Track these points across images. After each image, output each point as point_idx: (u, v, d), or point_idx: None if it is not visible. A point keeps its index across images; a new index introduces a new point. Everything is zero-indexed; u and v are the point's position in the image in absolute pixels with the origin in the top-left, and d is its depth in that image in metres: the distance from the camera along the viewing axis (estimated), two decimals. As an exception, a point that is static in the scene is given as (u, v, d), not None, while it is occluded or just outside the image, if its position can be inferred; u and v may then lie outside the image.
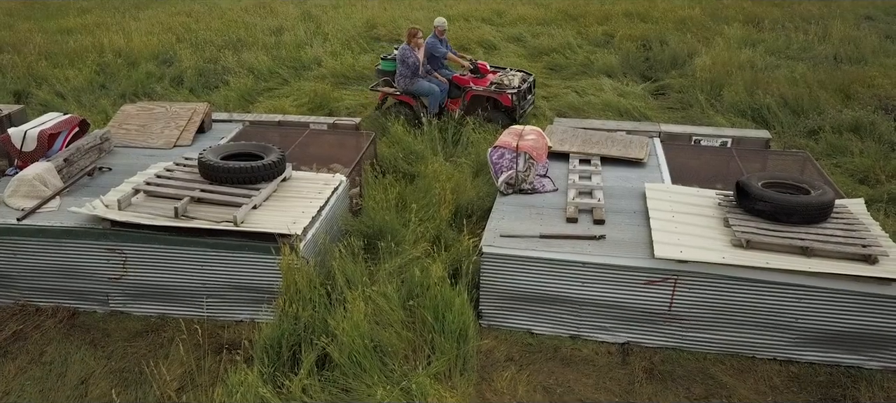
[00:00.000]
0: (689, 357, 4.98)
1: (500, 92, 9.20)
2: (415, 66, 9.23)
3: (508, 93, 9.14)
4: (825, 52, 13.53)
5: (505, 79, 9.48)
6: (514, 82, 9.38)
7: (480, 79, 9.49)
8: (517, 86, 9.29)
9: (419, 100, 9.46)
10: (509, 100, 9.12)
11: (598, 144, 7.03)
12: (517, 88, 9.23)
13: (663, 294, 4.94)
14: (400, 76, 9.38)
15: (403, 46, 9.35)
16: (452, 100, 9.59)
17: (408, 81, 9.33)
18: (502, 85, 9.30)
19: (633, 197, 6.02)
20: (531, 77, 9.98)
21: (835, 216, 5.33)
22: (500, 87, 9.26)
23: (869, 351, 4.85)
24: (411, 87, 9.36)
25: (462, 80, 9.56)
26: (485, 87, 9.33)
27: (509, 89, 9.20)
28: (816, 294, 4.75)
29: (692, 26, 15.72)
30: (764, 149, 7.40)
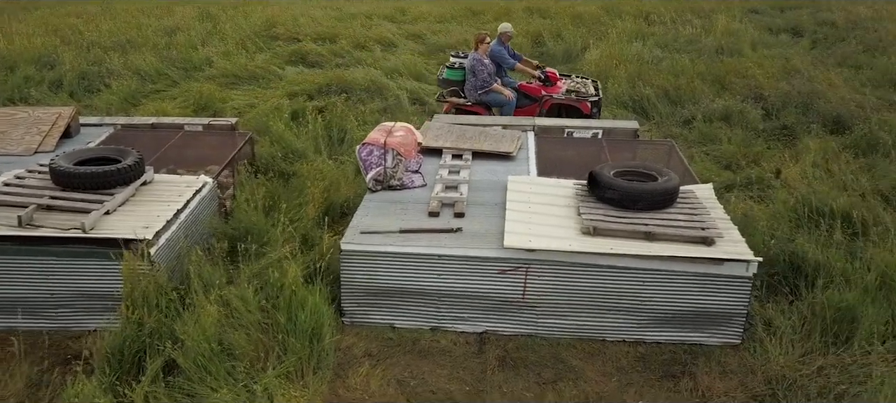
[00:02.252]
0: (543, 343, 5.12)
1: (580, 100, 8.89)
2: (488, 75, 8.85)
3: (589, 101, 8.86)
4: (709, 45, 14.15)
5: (580, 86, 9.19)
6: (589, 89, 9.09)
7: (552, 88, 9.10)
8: (595, 93, 9.02)
9: (491, 112, 9.06)
10: (589, 108, 8.83)
11: (471, 139, 7.14)
12: (596, 96, 8.96)
13: (516, 282, 5.07)
14: (471, 87, 8.98)
15: (473, 54, 8.94)
16: (520, 110, 9.10)
17: (480, 91, 8.94)
18: (581, 93, 9.01)
19: (498, 189, 6.14)
20: (598, 84, 9.56)
21: (681, 201, 5.58)
22: (579, 95, 8.96)
23: (710, 329, 5.10)
24: (485, 99, 8.97)
25: (532, 89, 9.14)
26: (563, 95, 9.00)
27: (590, 97, 8.92)
28: (659, 276, 4.97)
29: (588, 21, 16.16)
30: (633, 139, 7.67)
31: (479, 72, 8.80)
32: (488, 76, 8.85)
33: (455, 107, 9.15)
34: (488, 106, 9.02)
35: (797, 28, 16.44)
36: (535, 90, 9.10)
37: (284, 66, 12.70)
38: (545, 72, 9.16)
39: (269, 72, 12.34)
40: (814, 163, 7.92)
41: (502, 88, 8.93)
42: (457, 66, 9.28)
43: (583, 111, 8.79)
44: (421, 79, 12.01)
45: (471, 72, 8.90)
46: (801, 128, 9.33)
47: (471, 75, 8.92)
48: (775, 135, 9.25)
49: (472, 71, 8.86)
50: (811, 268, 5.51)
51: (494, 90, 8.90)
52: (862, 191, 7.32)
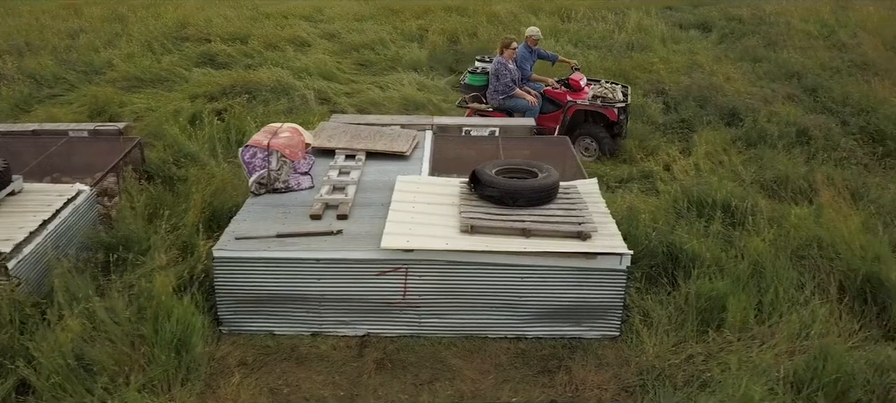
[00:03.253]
0: (425, 343, 5.09)
1: (607, 106, 8.56)
2: (511, 80, 8.61)
3: (615, 108, 8.52)
4: (621, 41, 14.41)
5: (607, 92, 8.83)
6: (617, 95, 8.76)
7: (578, 93, 8.83)
8: (622, 99, 8.70)
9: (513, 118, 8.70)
10: (616, 114, 8.50)
11: (366, 139, 7.06)
12: (624, 102, 8.65)
13: (396, 283, 5.02)
14: (493, 91, 8.74)
15: (497, 59, 8.70)
16: (544, 116, 8.83)
17: (502, 96, 8.69)
18: (607, 98, 8.68)
19: (387, 190, 6.07)
20: (628, 90, 9.27)
21: (562, 197, 5.63)
22: (606, 101, 8.63)
23: (589, 322, 5.16)
24: (506, 104, 8.70)
25: (557, 95, 8.87)
26: (588, 101, 8.69)
27: (617, 103, 8.58)
28: (535, 272, 5.01)
29: (505, 19, 16.24)
30: (529, 135, 7.73)
31: (502, 77, 8.60)
32: (512, 81, 8.63)
33: (476, 113, 8.93)
34: (510, 111, 8.75)
35: (707, 23, 16.88)
36: (560, 96, 8.85)
37: (191, 68, 12.35)
38: (567, 79, 9.02)
39: (174, 74, 11.98)
40: (706, 155, 8.15)
41: (525, 93, 8.70)
42: (479, 72, 9.03)
43: (609, 117, 8.54)
44: (331, 79, 11.87)
45: (494, 76, 8.69)
46: (699, 121, 9.58)
47: (494, 79, 8.70)
48: (674, 129, 9.48)
49: (496, 75, 8.66)
50: (688, 259, 5.63)
51: (517, 95, 8.66)
52: (750, 180, 7.59)
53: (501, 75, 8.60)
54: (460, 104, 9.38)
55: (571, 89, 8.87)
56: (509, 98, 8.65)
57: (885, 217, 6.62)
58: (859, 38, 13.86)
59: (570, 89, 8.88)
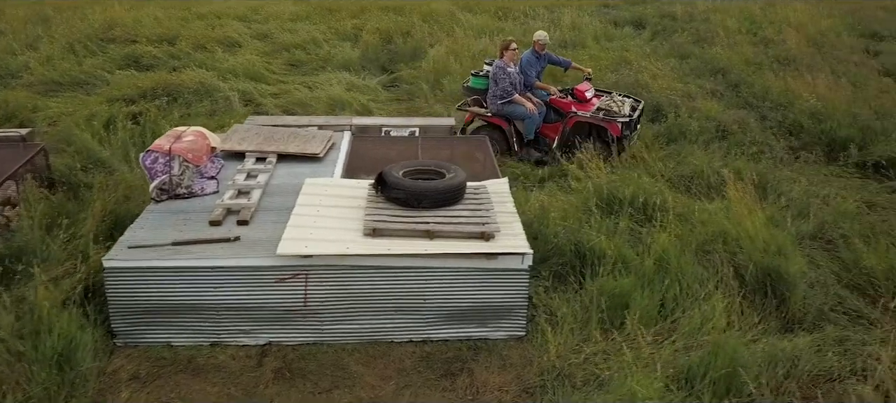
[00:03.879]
0: (328, 350, 4.99)
1: (609, 119, 8.01)
2: (510, 84, 8.14)
3: (619, 122, 7.98)
4: (556, 39, 14.48)
5: (614, 104, 8.27)
6: (624, 109, 8.20)
7: (584, 104, 8.32)
8: (629, 113, 8.14)
9: (512, 125, 8.33)
10: (619, 129, 7.95)
11: (279, 142, 6.91)
12: (629, 117, 8.09)
13: (297, 290, 4.91)
14: (492, 96, 8.28)
15: (496, 62, 8.25)
16: (548, 125, 8.42)
17: (500, 101, 8.23)
18: (612, 111, 8.13)
19: (295, 193, 5.92)
20: (641, 104, 8.69)
21: (469, 197, 5.58)
22: (610, 114, 8.09)
23: (494, 323, 5.12)
24: (505, 110, 8.25)
25: (563, 104, 8.37)
26: (591, 113, 8.16)
27: (620, 117, 8.04)
28: (439, 274, 4.94)
29: (440, 18, 16.20)
30: (448, 136, 7.68)
31: (501, 81, 8.15)
32: (511, 85, 8.15)
33: (475, 118, 8.61)
34: (509, 118, 8.33)
35: (641, 21, 17.14)
36: (565, 105, 8.37)
37: (114, 71, 11.98)
38: (573, 89, 8.55)
39: (95, 77, 11.61)
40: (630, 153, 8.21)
41: (524, 100, 8.23)
42: (482, 74, 8.60)
43: (612, 132, 8.00)
44: (259, 80, 11.65)
45: (493, 80, 8.24)
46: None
47: (492, 84, 8.26)
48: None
49: (494, 79, 8.22)
50: (595, 256, 5.64)
51: (515, 101, 8.19)
52: (668, 177, 7.67)
53: (499, 79, 8.16)
54: (460, 107, 8.96)
55: (576, 99, 8.40)
56: (508, 104, 8.21)
57: (794, 209, 6.76)
58: (784, 34, 14.21)
59: (575, 99, 8.41)
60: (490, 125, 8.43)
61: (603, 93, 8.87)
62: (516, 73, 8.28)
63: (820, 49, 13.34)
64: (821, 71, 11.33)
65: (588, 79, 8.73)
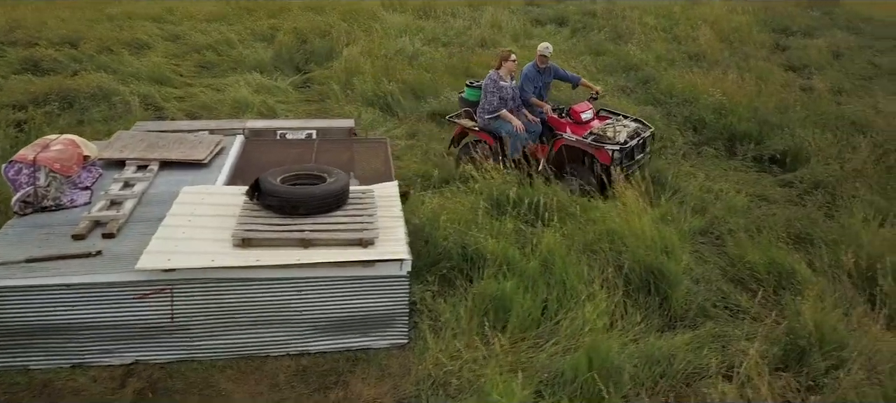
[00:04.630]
0: (198, 367, 4.75)
1: (598, 146, 7.16)
2: (499, 99, 7.50)
3: (609, 150, 7.09)
4: (476, 37, 14.44)
5: (609, 130, 7.36)
6: (620, 136, 7.25)
7: (579, 126, 7.47)
8: (623, 141, 7.16)
9: (499, 141, 7.67)
10: (609, 157, 7.07)
11: (163, 148, 6.61)
12: (622, 144, 7.11)
13: (162, 306, 4.66)
14: (480, 109, 7.68)
15: (490, 74, 7.61)
16: (544, 145, 7.71)
17: (488, 117, 7.61)
18: (604, 137, 7.24)
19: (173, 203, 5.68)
20: (650, 130, 7.68)
21: (352, 202, 5.41)
22: (600, 140, 7.22)
23: (376, 332, 4.97)
24: (492, 125, 7.62)
25: (558, 124, 7.59)
26: (580, 137, 7.33)
27: (611, 144, 7.12)
28: (315, 284, 4.76)
29: (361, 16, 15.97)
30: (347, 138, 7.49)
31: (489, 94, 7.53)
32: (500, 100, 7.51)
33: (463, 131, 8.04)
34: (496, 134, 7.66)
35: (563, 18, 17.24)
36: (560, 125, 7.58)
37: (9, 76, 11.36)
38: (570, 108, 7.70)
39: (-15, 82, 10.99)
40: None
41: (512, 116, 7.51)
42: (476, 85, 8.00)
43: (600, 160, 7.14)
44: (165, 83, 11.23)
45: (484, 92, 7.63)
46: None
47: (483, 96, 7.65)
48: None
49: (484, 91, 7.61)
50: (482, 259, 5.54)
51: (503, 117, 7.53)
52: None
53: (489, 92, 7.55)
54: (451, 119, 8.36)
55: (572, 120, 7.57)
56: (495, 119, 7.58)
57: (689, 205, 6.80)
58: (699, 31, 14.45)
59: (571, 120, 7.58)
60: (477, 140, 7.87)
61: (612, 114, 7.97)
62: (512, 88, 7.63)
63: (731, 45, 13.62)
64: (729, 66, 11.56)
65: (593, 98, 7.93)
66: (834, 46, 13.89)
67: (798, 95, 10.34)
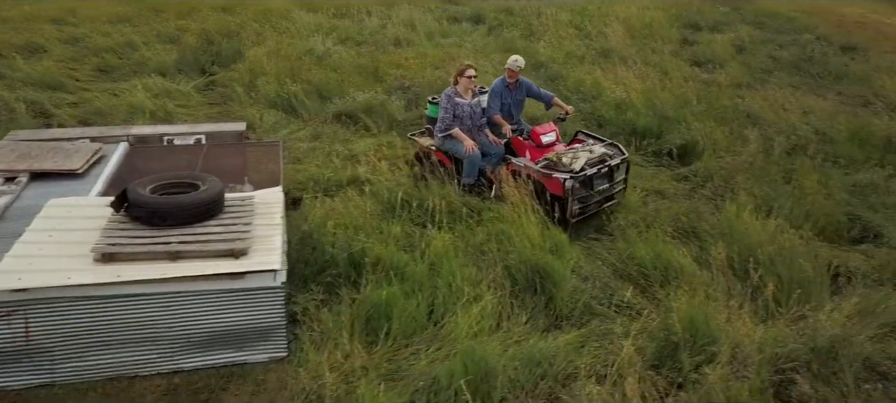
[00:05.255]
0: (60, 391, 4.48)
1: (546, 174, 6.35)
2: (452, 117, 6.90)
3: (561, 178, 6.26)
4: (390, 36, 14.28)
5: (567, 155, 6.49)
6: (576, 163, 6.34)
7: (539, 150, 6.72)
8: (579, 169, 6.29)
9: (455, 163, 7.05)
10: (560, 187, 6.25)
11: (35, 158, 6.24)
12: (574, 172, 6.25)
13: (15, 328, 4.35)
14: (436, 128, 7.12)
15: (446, 90, 7.00)
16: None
17: (441, 136, 7.03)
18: (558, 163, 6.41)
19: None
20: (622, 157, 6.75)
21: (229, 210, 5.20)
22: (553, 166, 6.39)
23: (254, 345, 4.78)
24: (445, 145, 7.03)
25: (519, 146, 6.94)
26: (530, 163, 6.57)
27: (564, 172, 6.28)
28: (184, 299, 4.54)
29: (274, 16, 15.60)
30: (238, 142, 7.25)
31: (443, 111, 6.95)
32: (453, 119, 6.90)
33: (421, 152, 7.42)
34: (450, 155, 7.07)
35: (480, 16, 17.23)
36: (521, 149, 6.93)
37: None
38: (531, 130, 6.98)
39: None
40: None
41: (464, 136, 6.84)
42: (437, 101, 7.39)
43: (549, 189, 6.36)
44: (58, 88, 10.69)
45: (440, 109, 7.07)
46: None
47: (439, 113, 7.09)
48: (416, 125, 9.35)
49: (440, 108, 7.06)
50: (370, 264, 5.42)
51: (454, 136, 6.90)
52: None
53: (443, 109, 6.97)
54: (410, 136, 7.91)
55: (533, 143, 6.86)
56: (447, 138, 6.99)
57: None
58: (611, 27, 14.65)
59: (533, 143, 6.86)
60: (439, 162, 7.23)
61: (591, 138, 7.11)
62: (470, 105, 6.95)
63: (641, 41, 13.84)
64: (635, 62, 11.74)
65: (561, 119, 7.31)
66: (738, 41, 14.29)
67: (700, 89, 10.55)
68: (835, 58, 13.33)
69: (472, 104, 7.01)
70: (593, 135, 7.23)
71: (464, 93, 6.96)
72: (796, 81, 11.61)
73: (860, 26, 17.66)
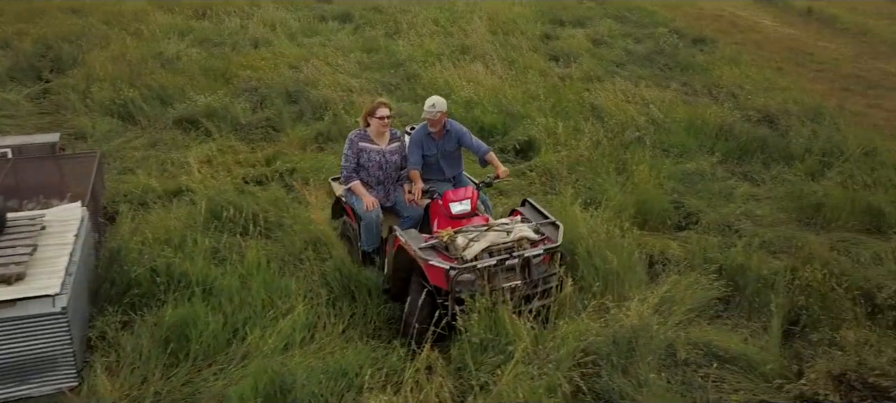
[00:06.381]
0: None
1: (426, 259, 4.71)
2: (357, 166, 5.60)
3: (447, 268, 4.63)
4: (250, 37, 13.79)
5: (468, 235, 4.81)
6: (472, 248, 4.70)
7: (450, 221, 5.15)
8: (473, 256, 4.69)
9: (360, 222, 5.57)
10: (443, 278, 4.66)
11: None
12: (464, 262, 4.66)
13: None
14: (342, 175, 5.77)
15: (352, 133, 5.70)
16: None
17: (344, 188, 5.73)
18: (449, 245, 4.78)
19: None
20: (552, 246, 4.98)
21: (13, 231, 4.79)
22: (438, 249, 4.80)
23: (37, 377, 4.41)
24: (349, 199, 5.71)
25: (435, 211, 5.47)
26: (415, 240, 4.88)
27: (441, 262, 4.68)
28: (-50, 332, 4.12)
29: (126, 18, 14.77)
30: (51, 154, 6.75)
31: (345, 158, 5.64)
32: (356, 167, 5.61)
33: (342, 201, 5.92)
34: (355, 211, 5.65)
35: (348, 15, 16.94)
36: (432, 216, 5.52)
37: None
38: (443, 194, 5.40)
39: None
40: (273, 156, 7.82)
41: (364, 191, 5.51)
42: None
43: (429, 277, 4.75)
44: None
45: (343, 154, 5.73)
46: (288, 118, 9.27)
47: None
48: (259, 128, 9.05)
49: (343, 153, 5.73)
50: (177, 282, 5.12)
51: (354, 190, 5.60)
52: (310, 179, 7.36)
53: (345, 156, 5.66)
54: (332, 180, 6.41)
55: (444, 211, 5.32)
56: (348, 190, 5.69)
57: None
58: (473, 24, 14.71)
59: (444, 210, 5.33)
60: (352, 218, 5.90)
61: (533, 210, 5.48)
62: (381, 152, 5.61)
63: (502, 38, 13.95)
64: (493, 59, 11.82)
65: (487, 184, 5.86)
66: (596, 35, 14.69)
67: (552, 84, 10.75)
68: (685, 50, 13.91)
69: (386, 151, 5.64)
70: (541, 209, 5.48)
71: (376, 137, 5.64)
72: (646, 74, 12.01)
73: (717, 19, 18.63)
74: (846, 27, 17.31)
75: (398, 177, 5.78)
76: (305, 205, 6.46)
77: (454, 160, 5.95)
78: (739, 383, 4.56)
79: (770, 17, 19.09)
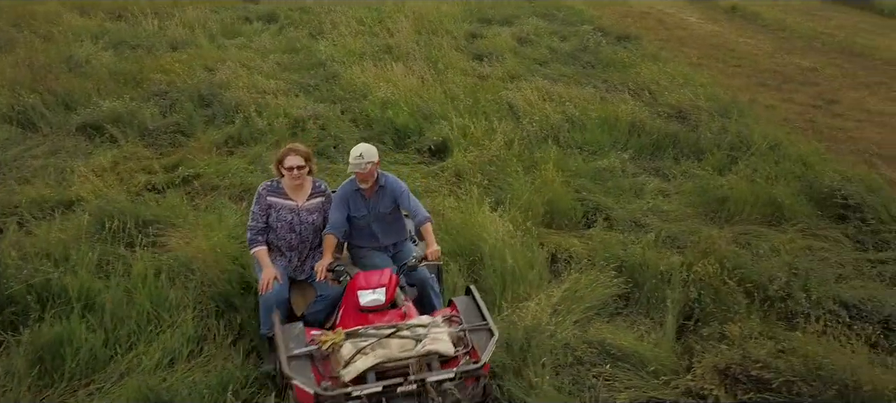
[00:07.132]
0: None
1: (291, 376, 3.53)
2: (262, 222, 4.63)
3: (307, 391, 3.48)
4: (168, 39, 13.38)
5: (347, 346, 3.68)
6: (359, 362, 3.60)
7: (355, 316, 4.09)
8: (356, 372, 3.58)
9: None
10: (310, 395, 3.48)
11: None
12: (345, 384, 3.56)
13: None
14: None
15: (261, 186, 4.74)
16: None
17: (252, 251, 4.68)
18: (333, 354, 3.68)
19: None
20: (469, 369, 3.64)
21: None
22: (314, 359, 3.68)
23: None
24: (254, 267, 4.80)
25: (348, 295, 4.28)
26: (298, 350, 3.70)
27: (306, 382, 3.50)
28: None
29: (35, 21, 14.17)
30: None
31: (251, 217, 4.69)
32: (263, 228, 4.65)
33: None
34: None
35: (274, 16, 16.62)
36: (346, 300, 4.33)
37: None
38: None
39: None
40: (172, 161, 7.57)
41: (266, 260, 4.53)
42: None
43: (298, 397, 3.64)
44: None
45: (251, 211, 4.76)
46: (199, 122, 9.00)
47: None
48: (169, 133, 8.74)
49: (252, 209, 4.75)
50: (56, 297, 4.88)
51: (255, 256, 4.63)
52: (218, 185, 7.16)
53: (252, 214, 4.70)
54: None
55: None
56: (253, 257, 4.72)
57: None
58: (399, 24, 14.59)
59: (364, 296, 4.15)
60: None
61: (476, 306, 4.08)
62: (296, 211, 4.64)
63: (427, 37, 13.86)
64: (415, 58, 11.73)
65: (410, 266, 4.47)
66: (521, 34, 14.73)
67: (473, 83, 10.71)
68: (608, 47, 14.05)
69: (301, 209, 4.65)
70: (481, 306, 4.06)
71: (291, 191, 4.65)
72: (569, 72, 12.06)
73: (644, 17, 18.95)
74: (767, 23, 17.82)
75: (318, 242, 4.69)
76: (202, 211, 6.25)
77: (392, 225, 4.82)
78: (630, 380, 4.58)
79: (697, 15, 19.51)
